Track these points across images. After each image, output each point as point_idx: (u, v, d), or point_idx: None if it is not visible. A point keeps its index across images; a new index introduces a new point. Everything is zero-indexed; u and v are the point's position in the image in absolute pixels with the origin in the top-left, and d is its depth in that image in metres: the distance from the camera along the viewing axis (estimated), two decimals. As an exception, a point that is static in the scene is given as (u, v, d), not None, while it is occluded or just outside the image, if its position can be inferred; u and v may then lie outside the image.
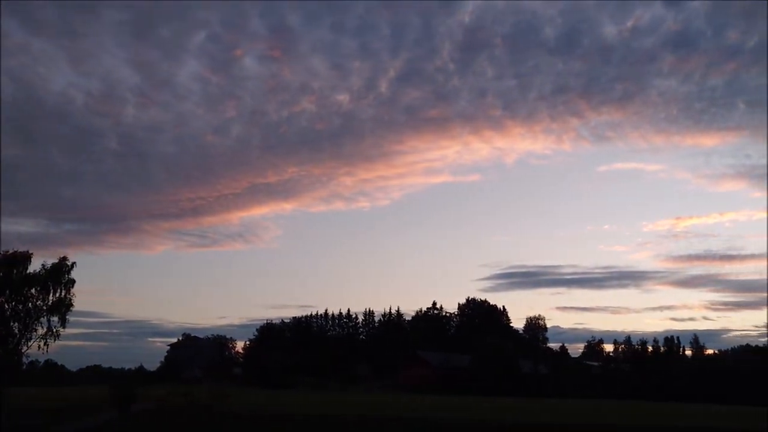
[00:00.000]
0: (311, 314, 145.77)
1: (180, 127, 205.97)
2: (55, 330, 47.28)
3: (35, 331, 46.64)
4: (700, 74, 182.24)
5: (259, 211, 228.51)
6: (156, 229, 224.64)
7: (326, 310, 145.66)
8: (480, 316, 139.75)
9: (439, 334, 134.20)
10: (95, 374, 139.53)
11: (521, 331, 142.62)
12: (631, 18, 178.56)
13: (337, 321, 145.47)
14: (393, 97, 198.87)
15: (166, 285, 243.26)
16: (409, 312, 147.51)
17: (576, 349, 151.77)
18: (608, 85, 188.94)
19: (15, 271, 46.48)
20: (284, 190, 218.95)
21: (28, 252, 47.73)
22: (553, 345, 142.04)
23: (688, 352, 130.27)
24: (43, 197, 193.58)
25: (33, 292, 46.76)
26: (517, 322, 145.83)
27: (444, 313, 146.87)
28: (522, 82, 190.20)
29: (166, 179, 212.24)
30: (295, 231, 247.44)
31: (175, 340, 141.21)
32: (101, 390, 48.99)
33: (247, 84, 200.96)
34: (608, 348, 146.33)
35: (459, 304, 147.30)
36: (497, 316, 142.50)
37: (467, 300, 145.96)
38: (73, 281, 48.13)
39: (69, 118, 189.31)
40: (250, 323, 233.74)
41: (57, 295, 47.38)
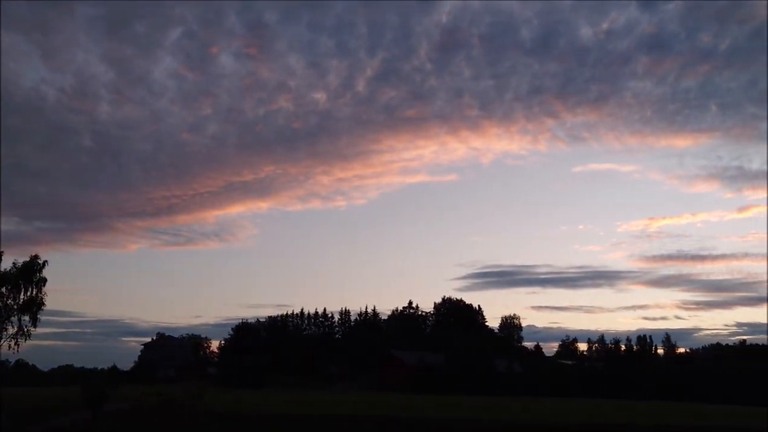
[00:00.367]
0: (287, 313, 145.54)
1: (155, 124, 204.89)
2: (26, 329, 46.80)
3: (6, 330, 46.13)
4: (674, 76, 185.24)
5: (235, 210, 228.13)
6: (130, 227, 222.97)
7: (302, 310, 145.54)
8: (455, 316, 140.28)
9: (415, 334, 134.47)
10: (67, 374, 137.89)
11: (496, 331, 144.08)
12: (607, 20, 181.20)
13: (313, 320, 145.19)
14: (370, 97, 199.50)
15: (140, 284, 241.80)
16: (385, 311, 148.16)
17: (550, 348, 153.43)
18: (584, 86, 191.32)
19: (-16, 270, 45.94)
20: (260, 189, 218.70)
21: (-2, 250, 47.19)
22: (528, 344, 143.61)
23: (661, 351, 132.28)
24: (14, 195, 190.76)
25: (3, 290, 46.23)
26: (493, 322, 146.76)
27: (420, 313, 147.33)
28: (498, 82, 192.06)
29: (141, 177, 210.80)
30: (271, 230, 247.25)
31: (149, 340, 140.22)
32: (73, 390, 48.44)
33: (224, 82, 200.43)
34: (582, 347, 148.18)
35: (435, 303, 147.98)
36: (473, 316, 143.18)
37: (443, 299, 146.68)
38: (44, 280, 47.61)
39: (42, 115, 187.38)
40: (226, 323, 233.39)
41: (28, 294, 46.87)
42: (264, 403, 47.75)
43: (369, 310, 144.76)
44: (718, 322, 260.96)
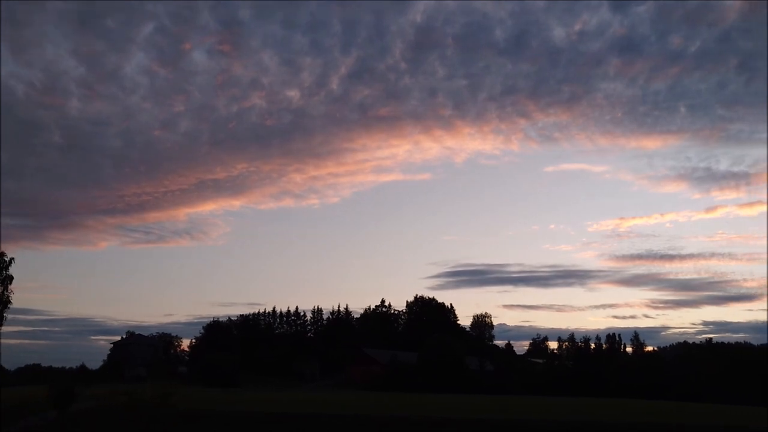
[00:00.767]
0: (259, 312, 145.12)
1: (127, 120, 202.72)
2: (-9, 328, 45.94)
3: (-30, 329, 45.23)
4: (645, 78, 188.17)
5: (207, 208, 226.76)
6: (100, 224, 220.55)
7: (274, 308, 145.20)
8: (428, 314, 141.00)
9: (388, 332, 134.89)
10: (34, 373, 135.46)
11: (468, 329, 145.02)
12: (579, 22, 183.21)
13: (285, 319, 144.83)
14: (344, 95, 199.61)
15: (110, 282, 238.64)
16: (357, 310, 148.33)
17: (522, 346, 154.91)
18: (556, 87, 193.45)
19: (-51, 267, 45.03)
20: (233, 187, 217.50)
21: (-37, 247, 46.30)
22: (500, 342, 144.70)
23: (629, 349, 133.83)
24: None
25: (-32, 288, 45.33)
26: (465, 320, 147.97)
27: (392, 311, 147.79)
28: (472, 82, 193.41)
29: (112, 174, 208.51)
30: (243, 228, 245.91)
31: (119, 339, 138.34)
32: (41, 389, 47.80)
33: (196, 78, 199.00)
34: (553, 345, 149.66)
35: (407, 302, 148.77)
36: (445, 314, 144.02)
37: (415, 298, 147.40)
38: (11, 277, 46.74)
39: (10, 110, 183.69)
40: (197, 321, 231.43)
41: (-6, 291, 46.02)
42: (234, 402, 47.59)
43: (341, 309, 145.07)
44: (686, 321, 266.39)
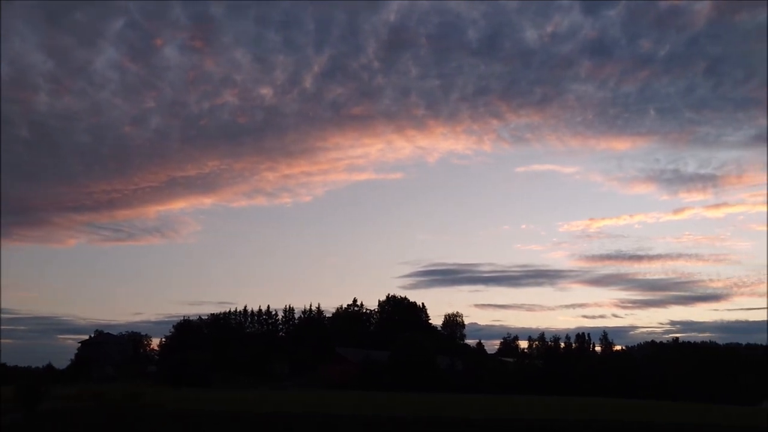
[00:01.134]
0: (230, 311, 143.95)
1: (96, 116, 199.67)
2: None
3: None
4: (615, 81, 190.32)
5: (178, 205, 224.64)
6: (68, 221, 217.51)
7: (245, 307, 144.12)
8: (400, 313, 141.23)
9: (360, 331, 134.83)
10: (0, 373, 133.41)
11: (440, 328, 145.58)
12: (551, 23, 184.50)
13: (257, 318, 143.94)
14: (317, 93, 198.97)
15: (78, 280, 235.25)
16: (329, 309, 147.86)
17: (492, 345, 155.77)
18: (528, 88, 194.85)
19: None
20: (204, 184, 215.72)
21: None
22: (471, 341, 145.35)
23: (598, 348, 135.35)
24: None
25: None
26: (436, 319, 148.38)
27: (364, 310, 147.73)
28: (445, 82, 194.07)
29: (81, 170, 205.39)
30: (214, 226, 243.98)
31: (87, 338, 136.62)
32: (7, 390, 47.05)
33: (168, 74, 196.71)
34: (523, 344, 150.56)
35: (379, 301, 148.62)
36: (417, 314, 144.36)
37: (387, 297, 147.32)
38: (-24, 276, 46.02)
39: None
40: (167, 320, 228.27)
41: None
42: (203, 402, 47.30)
43: (313, 308, 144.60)
44: (653, 321, 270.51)
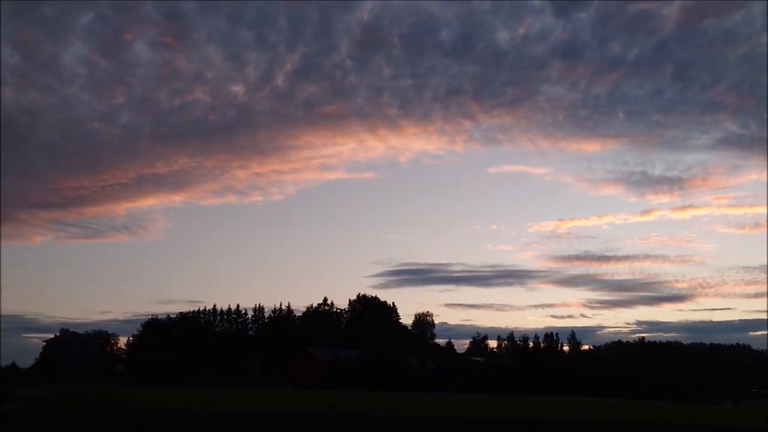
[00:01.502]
0: (199, 310, 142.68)
1: (64, 112, 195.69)
2: None
3: None
4: (586, 83, 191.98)
5: (147, 203, 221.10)
6: (34, 218, 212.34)
7: (215, 306, 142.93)
8: (370, 313, 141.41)
9: (330, 330, 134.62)
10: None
11: (410, 328, 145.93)
12: (523, 25, 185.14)
13: (226, 317, 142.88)
14: (289, 91, 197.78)
15: (44, 278, 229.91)
16: (299, 308, 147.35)
17: (462, 345, 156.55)
18: (500, 89, 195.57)
19: None
20: (174, 182, 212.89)
21: None
22: (441, 341, 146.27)
23: (566, 348, 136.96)
24: None
25: None
26: (407, 319, 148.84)
27: (335, 310, 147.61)
28: (418, 82, 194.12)
29: (48, 167, 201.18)
30: (184, 224, 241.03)
31: (52, 336, 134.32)
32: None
33: (138, 70, 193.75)
34: (493, 344, 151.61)
35: (350, 300, 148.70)
36: (387, 313, 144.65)
37: (358, 296, 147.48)
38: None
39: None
40: (135, 318, 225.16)
41: None
42: (175, 401, 46.87)
43: (283, 307, 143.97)
44: (620, 321, 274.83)
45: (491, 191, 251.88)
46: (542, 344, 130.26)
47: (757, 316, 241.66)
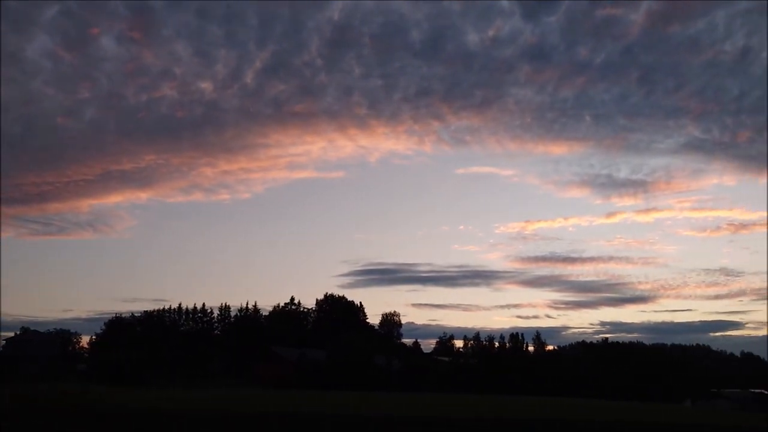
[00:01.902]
0: (164, 308, 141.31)
1: (27, 106, 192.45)
2: None
3: None
4: (553, 86, 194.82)
5: (112, 200, 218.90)
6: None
7: (180, 305, 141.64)
8: (338, 312, 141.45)
9: (297, 330, 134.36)
10: None
11: (377, 327, 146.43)
12: (492, 28, 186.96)
13: (191, 315, 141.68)
14: (258, 89, 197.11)
15: (4, 275, 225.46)
16: (266, 307, 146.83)
17: (429, 344, 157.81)
18: (469, 90, 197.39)
19: None
20: (140, 179, 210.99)
21: None
22: (407, 340, 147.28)
23: (531, 348, 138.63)
24: None
25: None
26: (374, 318, 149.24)
27: (302, 309, 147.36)
28: (387, 82, 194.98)
29: (9, 161, 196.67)
30: (150, 221, 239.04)
31: (12, 335, 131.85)
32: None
33: (104, 65, 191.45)
34: (459, 344, 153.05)
35: (317, 299, 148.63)
36: (355, 312, 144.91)
37: (325, 296, 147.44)
38: None
39: None
40: (99, 317, 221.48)
41: None
42: (141, 401, 46.49)
43: (250, 306, 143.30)
44: (585, 321, 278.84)
45: (459, 192, 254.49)
46: (508, 344, 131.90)
47: (716, 318, 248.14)
